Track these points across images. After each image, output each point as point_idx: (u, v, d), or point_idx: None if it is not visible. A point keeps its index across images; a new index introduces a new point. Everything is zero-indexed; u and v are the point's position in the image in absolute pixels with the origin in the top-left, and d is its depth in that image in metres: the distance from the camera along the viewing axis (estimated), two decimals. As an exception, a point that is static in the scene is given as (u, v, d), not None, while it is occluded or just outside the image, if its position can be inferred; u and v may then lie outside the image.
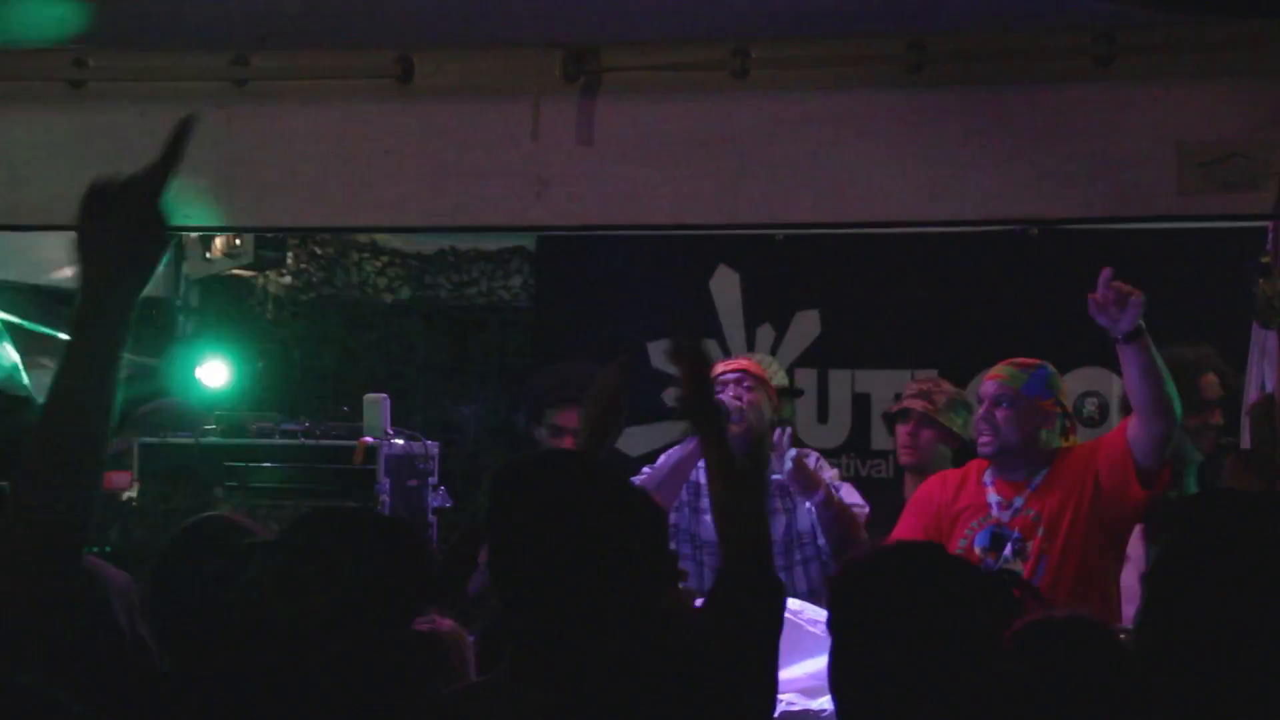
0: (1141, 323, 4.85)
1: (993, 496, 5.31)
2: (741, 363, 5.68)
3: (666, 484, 5.37)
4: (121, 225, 2.35)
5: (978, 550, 5.23)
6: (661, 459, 5.54)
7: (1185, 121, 4.13)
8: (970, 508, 5.32)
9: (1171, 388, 4.99)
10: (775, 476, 5.50)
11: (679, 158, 4.36)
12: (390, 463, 5.92)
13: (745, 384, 5.51)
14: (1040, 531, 5.18)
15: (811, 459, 5.59)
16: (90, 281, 2.35)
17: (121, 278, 2.36)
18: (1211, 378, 5.88)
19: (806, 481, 5.36)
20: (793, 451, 5.41)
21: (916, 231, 6.16)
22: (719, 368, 5.60)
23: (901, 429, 6.03)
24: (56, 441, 2.31)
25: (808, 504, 5.42)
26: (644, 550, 2.95)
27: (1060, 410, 5.33)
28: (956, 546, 5.24)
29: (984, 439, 5.30)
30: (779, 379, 6.09)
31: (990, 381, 5.35)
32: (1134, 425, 5.05)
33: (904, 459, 6.06)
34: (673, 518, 5.44)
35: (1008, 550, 5.17)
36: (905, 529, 5.36)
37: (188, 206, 4.53)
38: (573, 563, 2.83)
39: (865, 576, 3.21)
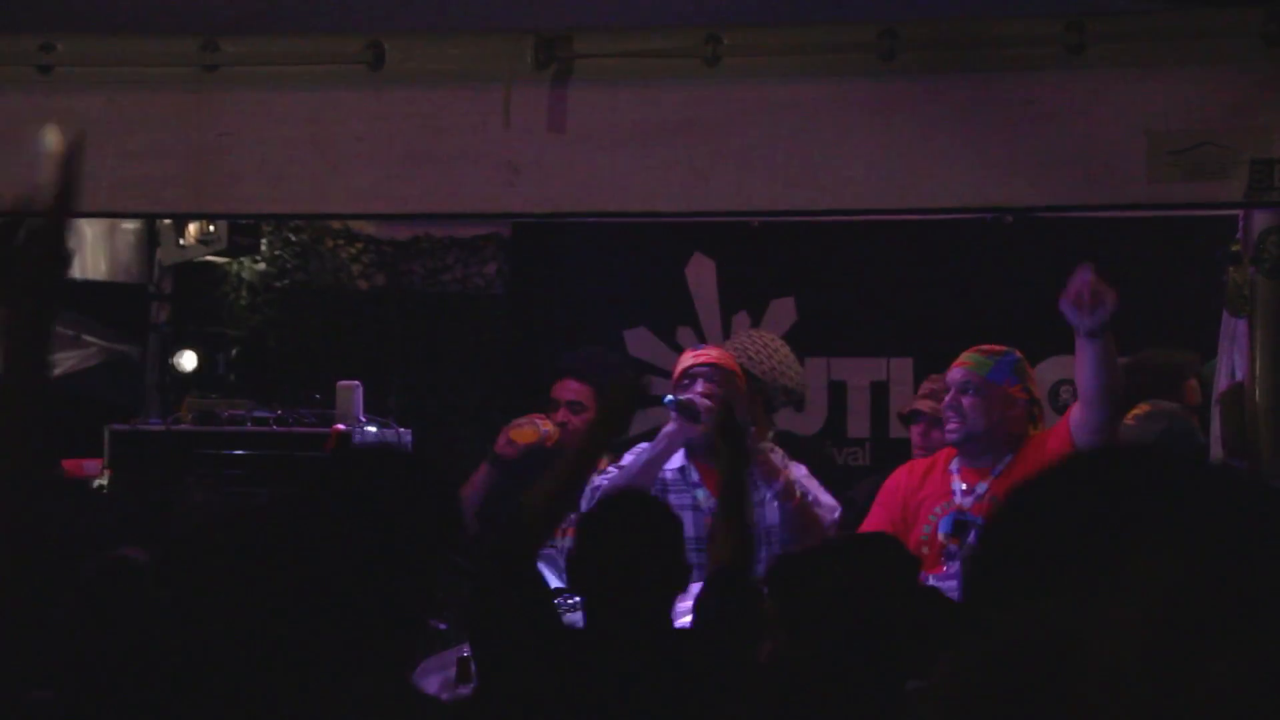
0: (1107, 319, 4.86)
1: (957, 484, 5.31)
2: (713, 354, 5.61)
3: (636, 480, 5.34)
4: (22, 278, 2.35)
5: (940, 537, 5.22)
6: (629, 457, 5.50)
7: (1156, 110, 4.14)
8: (934, 495, 5.32)
9: (1119, 379, 5.01)
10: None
11: (651, 144, 4.36)
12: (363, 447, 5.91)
13: (714, 379, 5.45)
14: None
15: (777, 456, 5.57)
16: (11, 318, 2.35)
17: (28, 317, 2.36)
18: (1194, 383, 5.90)
19: (766, 471, 5.35)
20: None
21: (892, 219, 6.16)
22: (687, 358, 5.56)
23: (914, 429, 6.03)
24: None
25: (769, 493, 5.40)
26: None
27: (1027, 397, 5.33)
28: (920, 533, 5.24)
29: (950, 425, 5.30)
30: (791, 370, 5.99)
31: (957, 369, 5.34)
32: (1078, 411, 5.06)
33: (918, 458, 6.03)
34: None
35: (972, 537, 5.17)
36: (873, 520, 5.36)
37: (160, 191, 4.53)
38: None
39: (796, 572, 3.25)
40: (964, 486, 5.29)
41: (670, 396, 5.37)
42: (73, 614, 3.44)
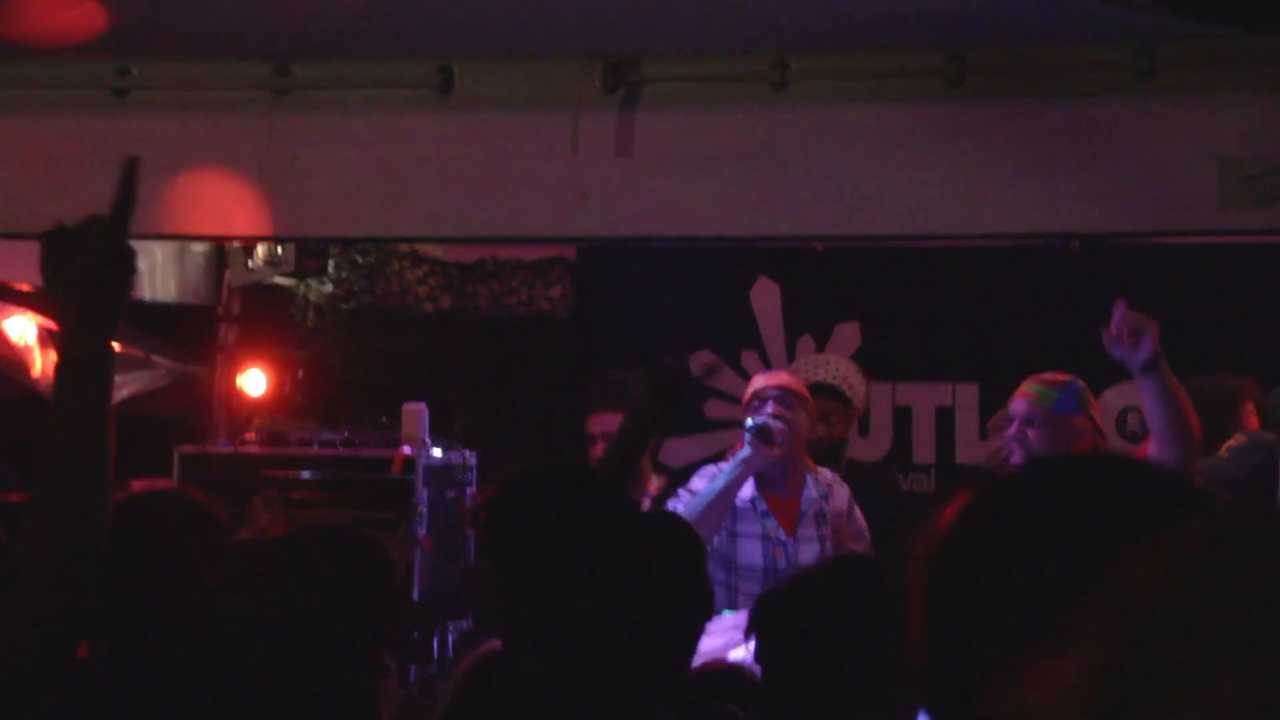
0: (1159, 350, 4.81)
1: None
2: (784, 378, 5.62)
3: (714, 508, 5.30)
4: (85, 268, 2.38)
5: None
6: (699, 481, 5.48)
7: (1226, 135, 4.11)
8: None
9: (1189, 412, 4.97)
10: (812, 496, 5.48)
11: (718, 169, 4.36)
12: (428, 473, 5.94)
13: (787, 402, 5.45)
14: None
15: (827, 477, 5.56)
16: (66, 326, 2.38)
17: (93, 318, 2.38)
18: (1251, 406, 5.85)
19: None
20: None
21: (958, 244, 6.14)
22: (759, 380, 5.56)
23: (1007, 433, 5.98)
24: (56, 482, 2.33)
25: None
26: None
27: (1091, 425, 5.29)
28: None
29: (1016, 458, 5.26)
30: (855, 390, 6.01)
31: (1020, 400, 5.30)
32: (1153, 448, 5.02)
33: (1015, 460, 5.99)
34: (714, 542, 5.40)
35: None
36: None
37: (231, 214, 4.56)
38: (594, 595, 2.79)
39: (782, 604, 3.23)
40: None
41: (749, 421, 5.37)
42: None
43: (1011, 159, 4.25)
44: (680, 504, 5.33)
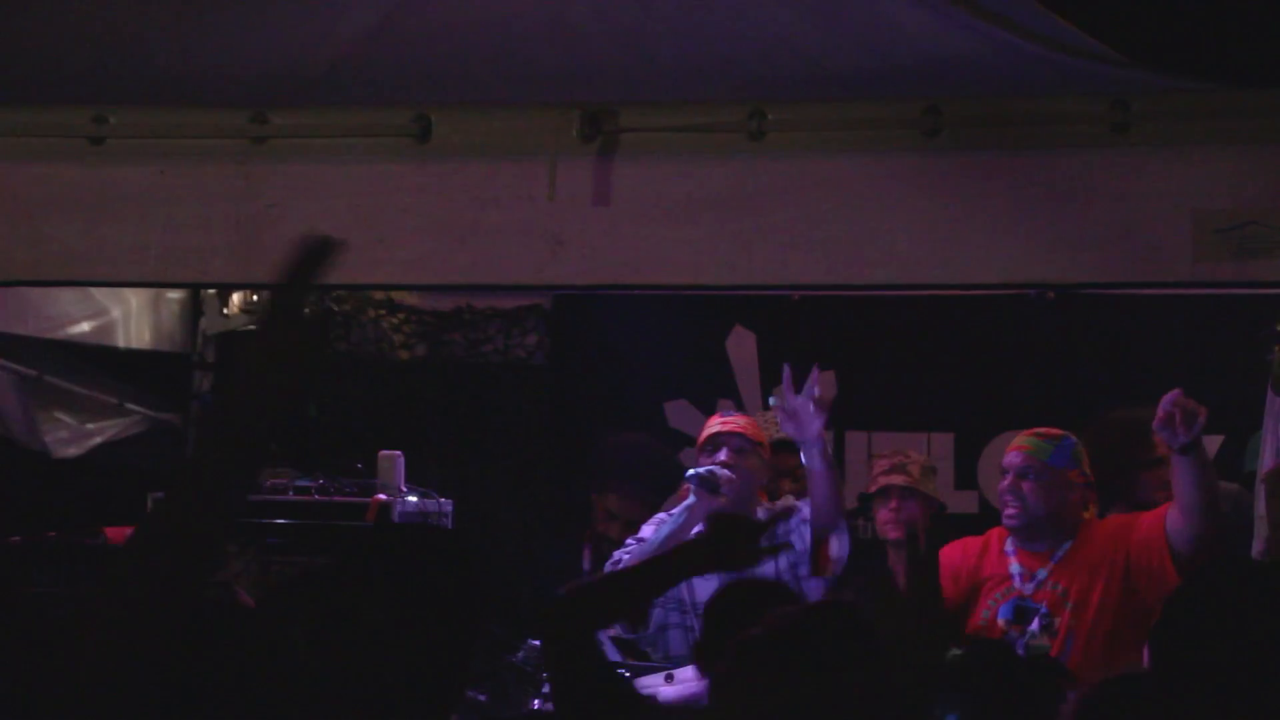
0: (1199, 434, 4.85)
1: (1015, 567, 5.26)
2: (739, 422, 5.59)
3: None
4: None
5: (1001, 623, 5.17)
6: (648, 529, 5.47)
7: (1201, 188, 4.14)
8: (993, 579, 5.26)
9: (1218, 490, 5.01)
10: (798, 547, 5.46)
11: (695, 218, 4.38)
12: (404, 520, 5.92)
13: (739, 448, 5.43)
14: (1069, 607, 5.10)
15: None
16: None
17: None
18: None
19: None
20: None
21: (934, 294, 6.17)
22: (714, 423, 5.54)
23: (883, 508, 5.96)
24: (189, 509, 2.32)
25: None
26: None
27: (1085, 481, 5.29)
28: (979, 618, 5.19)
29: (1010, 511, 5.24)
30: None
31: (1015, 453, 5.29)
32: (1177, 518, 5.02)
33: (891, 535, 5.98)
34: None
35: (1034, 625, 5.11)
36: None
37: (207, 261, 4.56)
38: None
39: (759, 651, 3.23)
40: (1022, 570, 5.24)
41: (691, 471, 5.36)
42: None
43: (987, 210, 4.27)
44: (626, 553, 5.32)
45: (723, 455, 5.38)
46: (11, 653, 2.87)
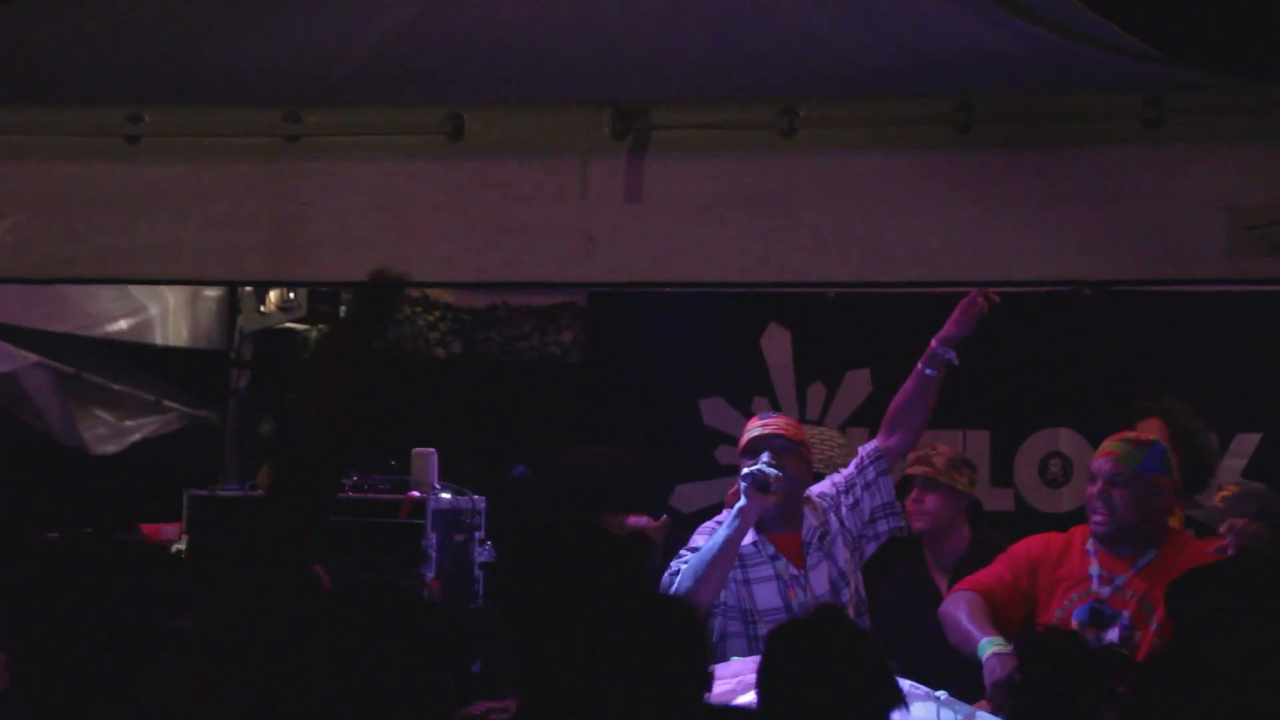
0: None
1: (1094, 569, 5.19)
2: (779, 423, 5.61)
3: (718, 563, 5.29)
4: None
5: (1075, 623, 5.11)
6: (699, 538, 5.47)
7: (1234, 184, 4.12)
8: (1070, 578, 5.20)
9: None
10: (812, 524, 5.49)
11: (727, 215, 4.38)
12: (437, 517, 5.95)
13: (782, 448, 5.46)
14: (1154, 626, 5.04)
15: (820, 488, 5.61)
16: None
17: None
18: (1154, 422, 5.80)
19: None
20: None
21: (967, 291, 6.15)
22: (754, 427, 5.55)
23: (906, 499, 5.97)
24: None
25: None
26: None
27: (1174, 488, 5.25)
28: (1053, 615, 5.13)
29: (1098, 518, 5.17)
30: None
31: (1104, 459, 5.22)
32: None
33: (917, 525, 5.99)
34: (721, 595, 5.39)
35: (1114, 634, 5.05)
36: (994, 572, 5.28)
37: (242, 259, 4.59)
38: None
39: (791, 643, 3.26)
40: (1102, 572, 5.18)
41: (744, 470, 5.37)
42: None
43: (1019, 207, 4.26)
44: (682, 564, 5.32)
45: (765, 457, 5.39)
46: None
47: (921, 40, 4.48)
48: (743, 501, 5.33)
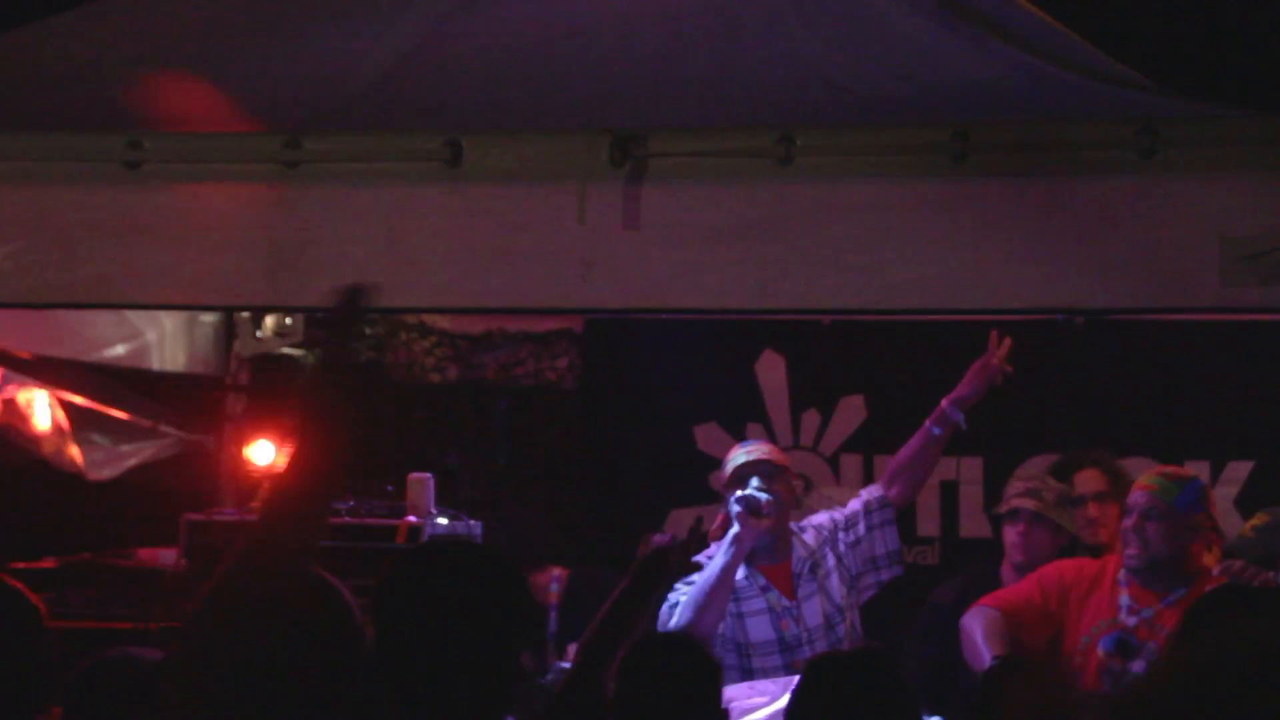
0: None
1: (1124, 599, 5.18)
2: (763, 449, 5.64)
3: (716, 593, 5.29)
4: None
5: (1100, 653, 5.09)
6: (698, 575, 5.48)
7: (1228, 214, 4.14)
8: (1099, 607, 5.19)
9: None
10: (801, 555, 5.50)
11: (724, 242, 4.39)
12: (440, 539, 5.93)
13: (768, 473, 5.47)
14: None
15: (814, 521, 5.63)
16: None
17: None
18: (1090, 473, 5.86)
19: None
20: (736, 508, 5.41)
21: (962, 319, 6.18)
22: (738, 455, 5.56)
23: (1011, 529, 5.91)
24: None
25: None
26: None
27: (1211, 525, 5.24)
28: (1079, 641, 5.13)
29: (1132, 550, 5.15)
30: None
31: (1141, 492, 5.20)
32: None
33: (1016, 558, 5.92)
34: (719, 628, 5.40)
35: (1139, 665, 5.04)
36: (1022, 590, 5.28)
37: (240, 284, 4.60)
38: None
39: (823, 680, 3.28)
40: (1131, 603, 5.17)
41: (737, 494, 5.37)
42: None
43: (1015, 235, 4.28)
44: (680, 596, 5.32)
45: (755, 483, 5.40)
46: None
47: (918, 69, 4.50)
48: (736, 528, 5.33)
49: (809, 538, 5.54)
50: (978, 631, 5.10)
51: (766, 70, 4.57)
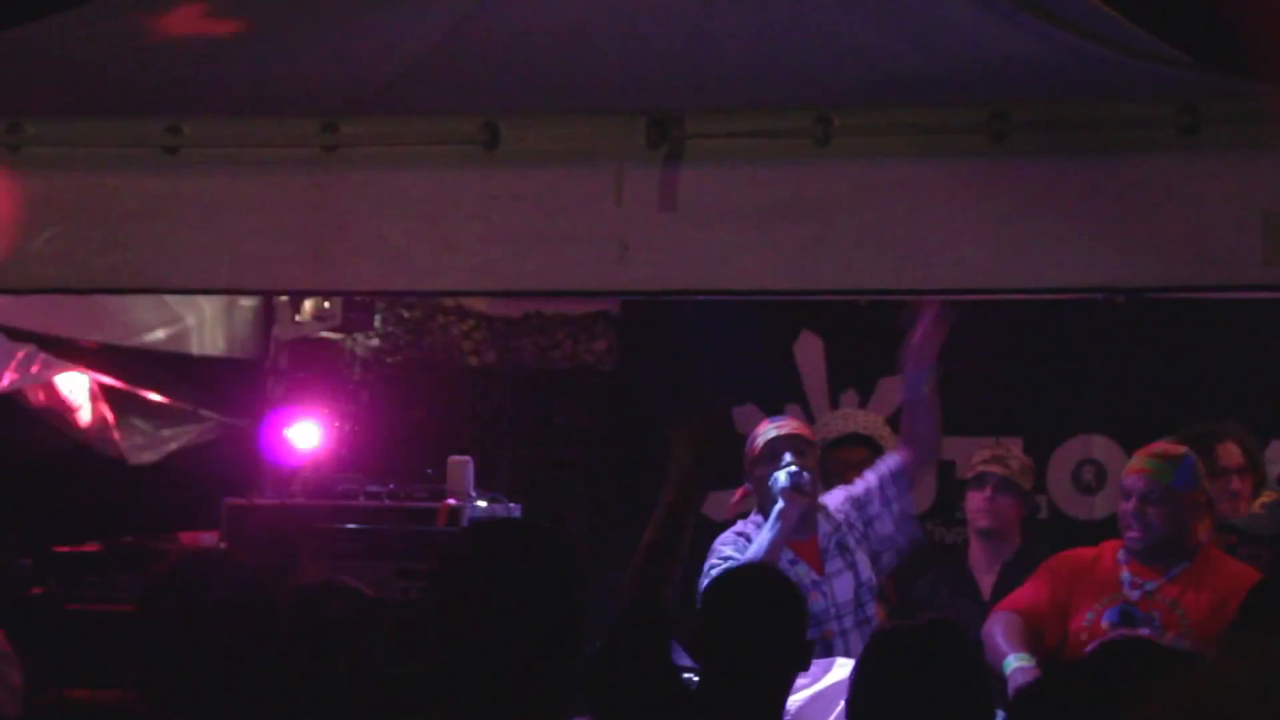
0: None
1: (1125, 575, 5.25)
2: (792, 425, 5.69)
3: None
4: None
5: (1105, 624, 5.15)
6: (727, 548, 5.49)
7: (1271, 191, 4.11)
8: (1100, 585, 5.25)
9: None
10: (827, 530, 5.52)
11: (761, 223, 4.39)
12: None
13: (800, 450, 5.52)
14: (1187, 631, 5.07)
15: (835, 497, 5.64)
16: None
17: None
18: (1230, 446, 5.85)
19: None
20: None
21: (1001, 298, 6.16)
22: (767, 430, 5.60)
23: (977, 494, 5.99)
24: None
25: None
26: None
27: (1206, 499, 5.27)
28: (1083, 619, 5.17)
29: (1133, 534, 5.21)
30: (887, 440, 6.13)
31: (1136, 476, 5.24)
32: None
33: (981, 523, 6.00)
34: None
35: (1144, 634, 5.07)
36: (1038, 586, 5.32)
37: (279, 269, 4.62)
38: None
39: (890, 656, 3.27)
40: (1132, 579, 5.22)
41: (783, 476, 5.40)
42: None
43: (1055, 214, 4.26)
44: (715, 567, 5.34)
45: (788, 457, 5.44)
46: None
47: (956, 48, 4.48)
48: (781, 504, 5.36)
49: (834, 514, 5.59)
50: (998, 635, 5.17)
51: (802, 49, 4.56)
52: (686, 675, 4.28)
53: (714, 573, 5.32)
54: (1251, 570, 5.25)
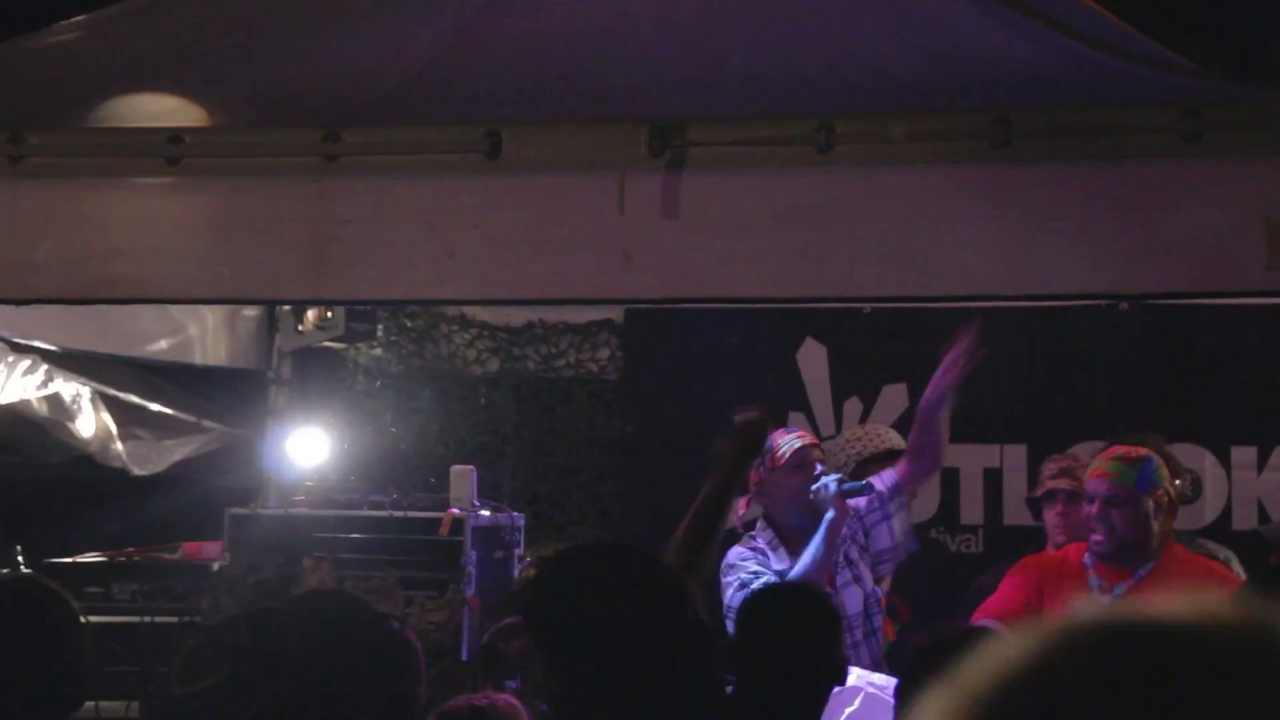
0: None
1: (1094, 580, 5.27)
2: (810, 436, 5.73)
3: (814, 576, 5.35)
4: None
5: None
6: (750, 564, 5.50)
7: (1273, 197, 4.10)
8: (1068, 590, 5.26)
9: None
10: (845, 549, 5.53)
11: (764, 231, 4.38)
12: (476, 534, 5.96)
13: (821, 460, 5.57)
14: None
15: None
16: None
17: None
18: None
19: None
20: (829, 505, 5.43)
21: (1005, 305, 6.16)
22: (792, 440, 5.61)
23: (1050, 511, 5.94)
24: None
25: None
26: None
27: (1168, 500, 5.29)
28: None
29: (1098, 538, 5.23)
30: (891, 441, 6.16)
31: (1099, 480, 5.26)
32: None
33: (1058, 539, 5.93)
34: None
35: None
36: (1009, 592, 5.33)
37: (281, 278, 4.61)
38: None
39: (937, 656, 3.25)
40: (1101, 582, 5.24)
41: (845, 482, 5.43)
42: None
43: (1057, 220, 4.25)
44: (741, 575, 5.35)
45: (819, 469, 5.50)
46: None
47: (958, 55, 4.48)
48: (831, 514, 5.38)
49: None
50: None
51: (804, 56, 4.56)
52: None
53: (754, 585, 5.31)
54: (1217, 565, 5.31)
